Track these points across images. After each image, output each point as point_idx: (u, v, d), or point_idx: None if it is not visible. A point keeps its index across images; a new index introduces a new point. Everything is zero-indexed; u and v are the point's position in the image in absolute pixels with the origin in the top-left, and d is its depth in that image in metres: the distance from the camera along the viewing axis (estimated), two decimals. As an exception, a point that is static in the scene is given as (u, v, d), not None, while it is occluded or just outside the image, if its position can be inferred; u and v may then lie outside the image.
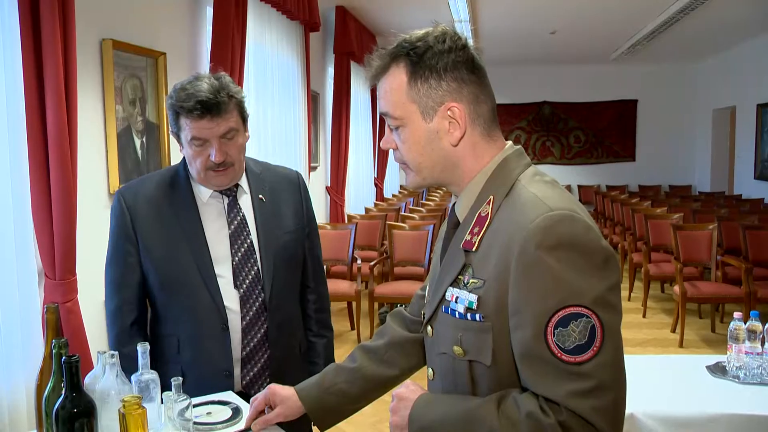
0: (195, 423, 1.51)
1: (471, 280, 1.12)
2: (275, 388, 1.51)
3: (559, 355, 1.01)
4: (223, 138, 1.73)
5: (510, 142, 1.22)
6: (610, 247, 1.07)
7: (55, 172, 2.37)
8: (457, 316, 1.14)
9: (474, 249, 1.12)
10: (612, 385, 1.01)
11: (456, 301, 1.14)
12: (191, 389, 1.73)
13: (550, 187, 1.12)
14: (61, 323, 2.44)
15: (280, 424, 1.52)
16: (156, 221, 1.80)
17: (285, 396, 1.48)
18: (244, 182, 1.88)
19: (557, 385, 1.01)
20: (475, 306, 1.10)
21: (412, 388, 1.21)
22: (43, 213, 2.38)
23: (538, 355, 1.03)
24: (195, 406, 1.59)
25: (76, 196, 2.49)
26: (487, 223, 1.12)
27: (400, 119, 1.17)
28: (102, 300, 3.04)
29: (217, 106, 1.69)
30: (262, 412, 1.51)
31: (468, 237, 1.14)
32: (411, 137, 1.17)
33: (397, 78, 1.16)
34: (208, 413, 1.62)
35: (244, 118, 1.81)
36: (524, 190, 1.11)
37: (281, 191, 1.94)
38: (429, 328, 1.24)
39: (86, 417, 1.31)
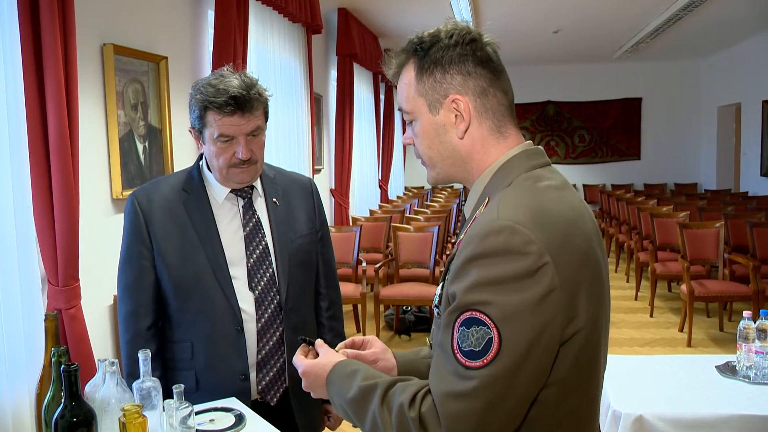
0: (198, 431, 1.49)
1: (447, 277, 1.13)
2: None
3: (455, 351, 1.01)
4: (250, 135, 1.74)
5: (528, 142, 1.19)
6: (549, 259, 1.00)
7: (57, 178, 2.36)
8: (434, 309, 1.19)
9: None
10: (486, 405, 0.98)
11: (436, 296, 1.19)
12: (206, 394, 1.72)
13: (527, 194, 1.08)
14: (63, 330, 2.46)
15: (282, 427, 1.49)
16: (170, 223, 1.79)
17: (384, 347, 1.40)
18: (258, 185, 1.88)
19: (443, 381, 1.01)
20: (437, 301, 1.16)
21: (323, 362, 1.24)
22: (45, 219, 2.37)
23: (442, 345, 1.04)
24: (197, 413, 1.57)
25: (79, 202, 2.48)
26: None
27: (411, 113, 1.20)
28: (106, 306, 3.06)
29: (249, 102, 1.71)
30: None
31: (462, 236, 1.15)
32: (422, 131, 1.19)
33: (408, 73, 1.19)
34: (210, 420, 1.60)
35: (267, 117, 1.82)
36: (504, 193, 1.10)
37: (294, 195, 1.95)
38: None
39: (86, 426, 1.30)
